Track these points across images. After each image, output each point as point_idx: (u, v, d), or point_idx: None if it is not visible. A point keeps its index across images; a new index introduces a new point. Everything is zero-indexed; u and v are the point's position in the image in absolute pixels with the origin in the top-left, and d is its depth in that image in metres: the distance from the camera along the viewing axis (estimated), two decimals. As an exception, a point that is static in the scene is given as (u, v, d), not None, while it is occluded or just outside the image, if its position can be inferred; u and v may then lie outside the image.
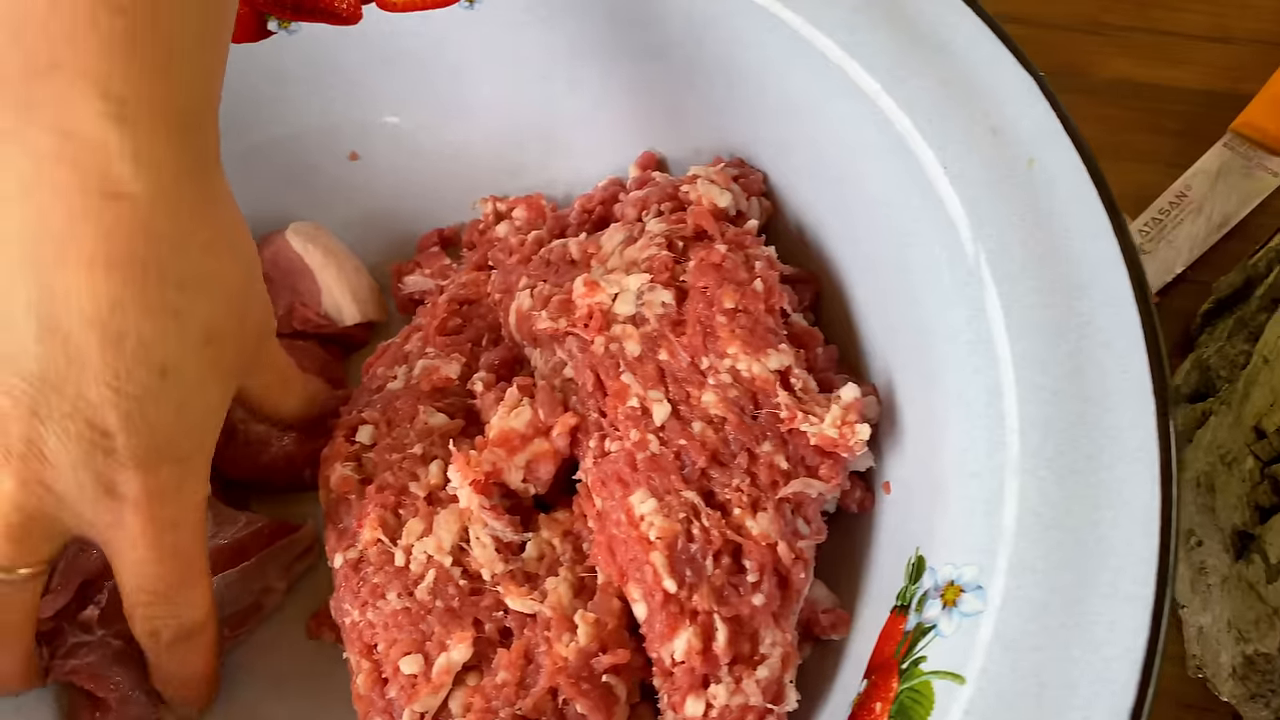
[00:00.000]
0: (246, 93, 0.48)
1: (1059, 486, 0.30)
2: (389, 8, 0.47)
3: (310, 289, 0.50)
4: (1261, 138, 0.52)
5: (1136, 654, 0.27)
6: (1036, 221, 0.34)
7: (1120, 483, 0.30)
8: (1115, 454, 0.30)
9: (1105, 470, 0.30)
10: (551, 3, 0.46)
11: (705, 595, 0.36)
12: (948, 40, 0.38)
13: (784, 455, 0.38)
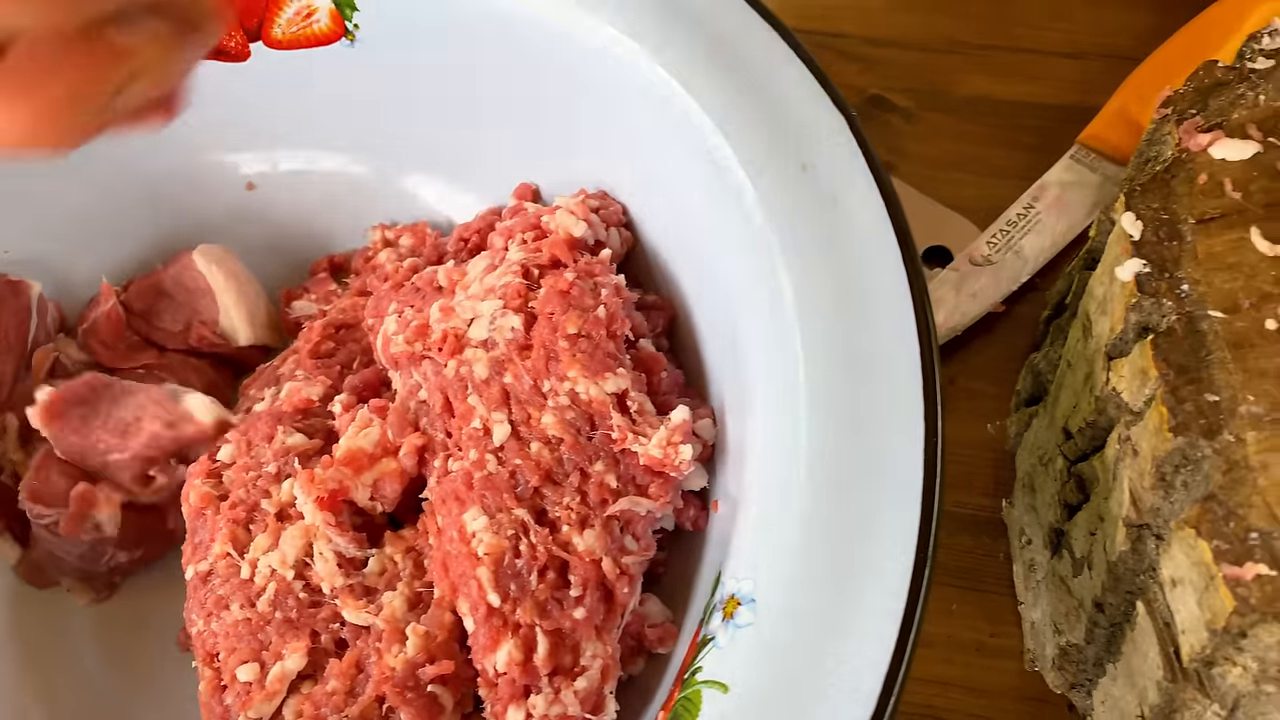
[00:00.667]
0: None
1: (832, 506, 0.32)
2: (275, 45, 0.50)
3: (209, 308, 0.52)
4: (1106, 149, 0.53)
5: (882, 665, 0.29)
6: (837, 254, 0.36)
7: (886, 505, 0.31)
8: (884, 477, 0.32)
9: (874, 493, 0.32)
10: (428, 44, 0.48)
11: (528, 609, 0.37)
12: (773, 83, 0.40)
13: (615, 474, 0.39)
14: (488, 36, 0.46)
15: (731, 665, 0.31)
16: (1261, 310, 0.33)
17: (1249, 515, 0.29)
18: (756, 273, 0.38)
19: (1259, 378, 0.32)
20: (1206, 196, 0.35)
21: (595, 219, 0.46)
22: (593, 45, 0.44)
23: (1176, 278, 0.34)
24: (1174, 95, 0.38)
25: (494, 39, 0.46)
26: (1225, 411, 0.31)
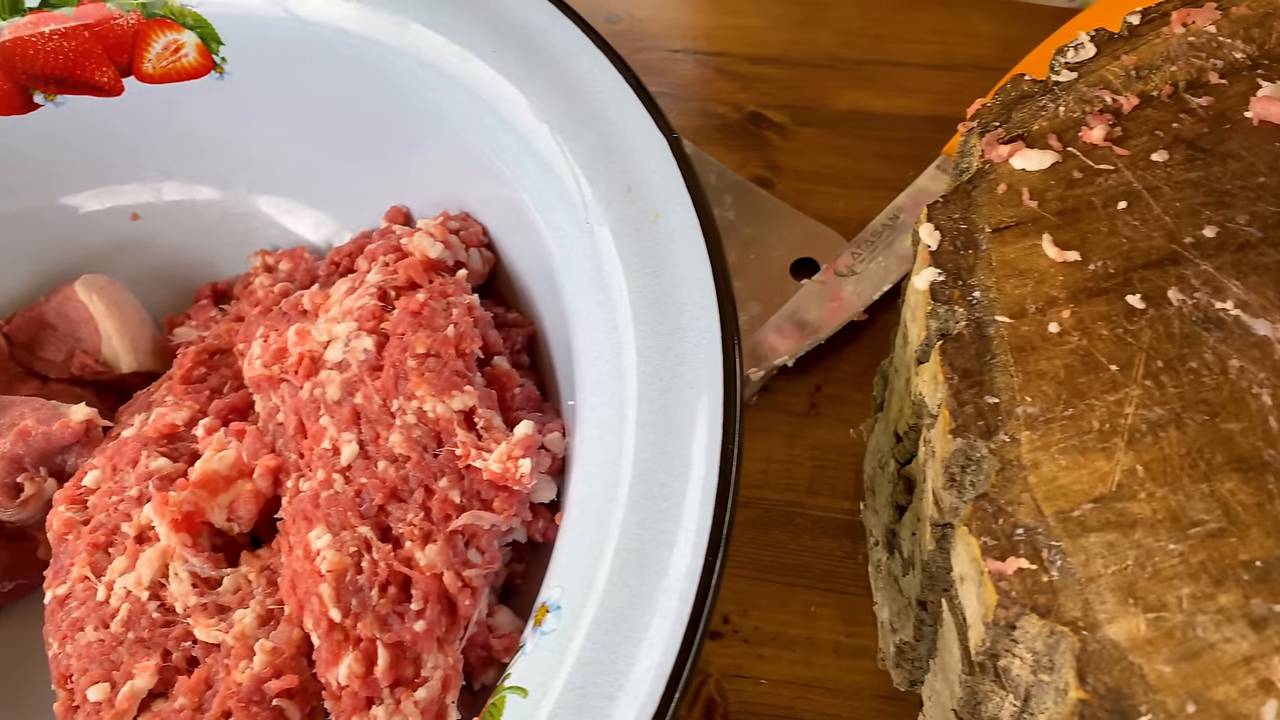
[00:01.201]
0: (21, 159, 0.52)
1: (634, 513, 0.33)
2: (147, 80, 0.51)
3: (91, 337, 0.53)
4: (969, 157, 0.55)
5: (666, 667, 0.30)
6: (657, 271, 0.37)
7: (683, 510, 0.33)
8: (684, 484, 0.33)
9: (675, 498, 0.33)
10: (291, 74, 0.49)
11: (369, 623, 0.38)
12: (605, 108, 0.41)
13: (459, 490, 0.40)
14: (344, 64, 0.47)
15: (532, 671, 0.32)
16: (1046, 315, 0.34)
17: (1017, 512, 0.31)
18: (590, 289, 0.39)
19: (1038, 379, 0.33)
20: (1005, 206, 0.37)
21: (455, 240, 0.47)
22: (446, 69, 0.45)
23: (969, 285, 0.35)
24: (982, 108, 0.39)
25: (351, 66, 0.47)
26: (1003, 413, 0.32)
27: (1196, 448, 0.31)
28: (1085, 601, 0.29)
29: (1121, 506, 0.30)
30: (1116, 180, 0.37)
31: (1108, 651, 0.28)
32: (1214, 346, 0.33)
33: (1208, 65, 0.39)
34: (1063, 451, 0.32)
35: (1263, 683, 0.28)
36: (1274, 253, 0.35)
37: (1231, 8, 0.40)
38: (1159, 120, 0.38)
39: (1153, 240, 0.35)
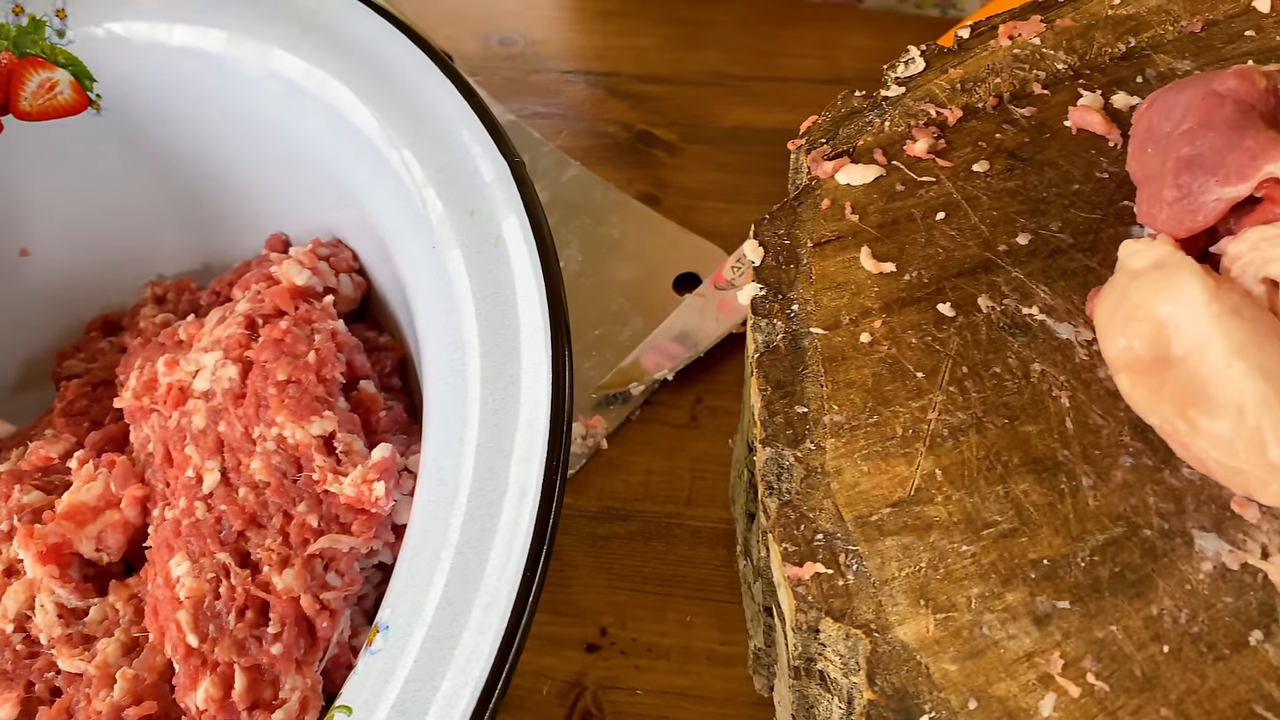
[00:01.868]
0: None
1: (463, 533, 0.34)
2: (25, 117, 0.51)
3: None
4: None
5: (477, 682, 0.31)
6: (494, 293, 0.38)
7: (507, 526, 0.33)
8: (510, 501, 0.34)
9: (500, 515, 0.34)
10: (169, 109, 0.50)
11: (226, 647, 0.39)
12: (451, 132, 0.42)
13: (317, 514, 0.41)
14: (213, 93, 0.48)
15: (359, 690, 0.33)
16: (859, 325, 0.35)
17: (818, 518, 0.32)
18: (437, 311, 0.40)
19: (847, 388, 0.34)
20: (827, 220, 0.38)
21: (324, 266, 0.48)
22: (309, 94, 0.46)
23: (788, 299, 0.36)
24: (812, 125, 0.40)
25: (220, 95, 0.48)
26: (811, 421, 0.33)
27: (995, 450, 0.32)
28: (879, 604, 0.30)
29: (919, 510, 0.31)
30: (937, 192, 0.38)
31: (897, 652, 0.29)
32: (1018, 351, 0.34)
33: (1031, 76, 0.40)
34: (865, 458, 0.32)
35: (1043, 677, 0.29)
36: (1082, 258, 0.36)
37: (1057, 20, 0.42)
38: (983, 131, 0.39)
39: (968, 249, 0.36)
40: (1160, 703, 0.28)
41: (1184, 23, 0.41)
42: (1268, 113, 0.33)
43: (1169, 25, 0.41)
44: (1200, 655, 0.29)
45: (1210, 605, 0.29)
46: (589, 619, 0.48)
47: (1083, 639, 0.29)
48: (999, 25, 0.42)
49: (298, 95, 0.46)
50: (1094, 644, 0.29)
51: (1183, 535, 0.30)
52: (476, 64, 0.65)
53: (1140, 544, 0.30)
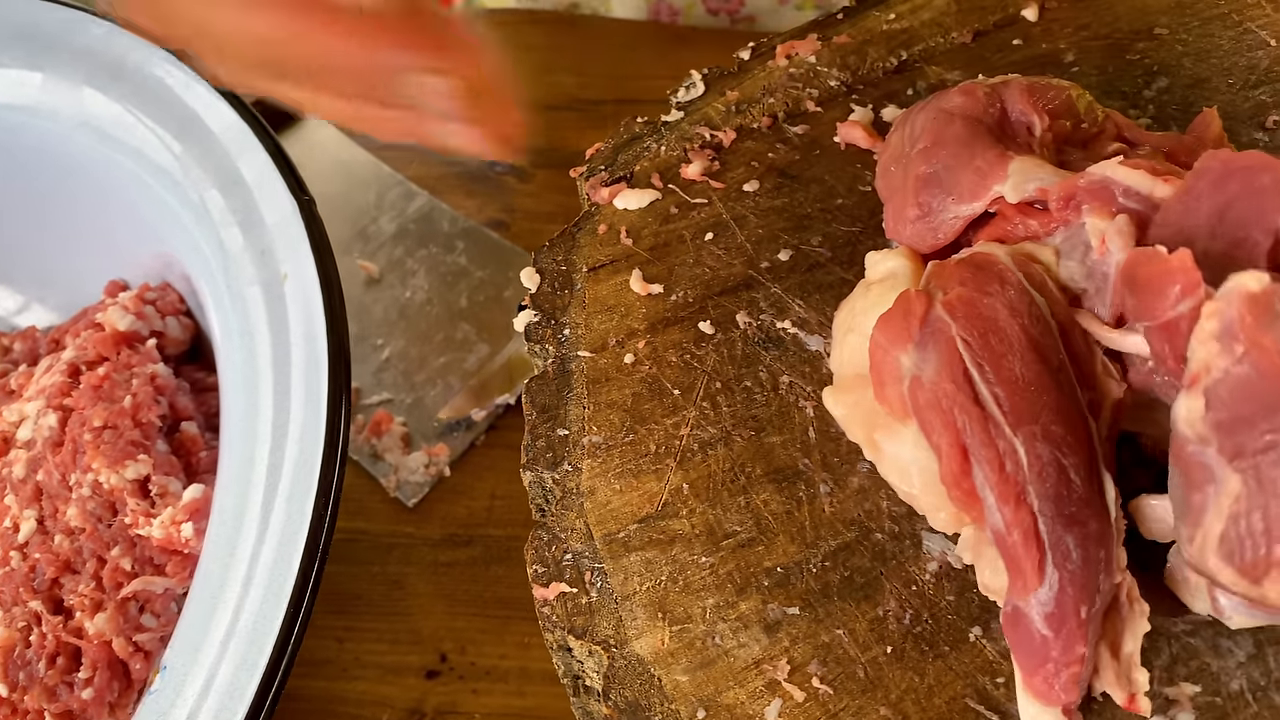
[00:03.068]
0: None
1: (238, 571, 0.34)
2: None
3: None
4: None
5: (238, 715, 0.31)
6: (280, 330, 0.39)
7: (279, 563, 0.34)
8: (280, 537, 0.34)
9: (270, 553, 0.34)
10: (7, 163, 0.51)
11: (36, 695, 0.39)
12: (246, 171, 0.43)
13: (131, 558, 0.42)
14: (33, 147, 0.49)
15: (136, 730, 0.33)
16: (625, 346, 0.36)
17: (570, 538, 0.32)
18: (236, 348, 0.41)
19: (607, 409, 0.35)
20: (603, 245, 0.39)
21: (150, 311, 0.48)
22: (118, 141, 0.47)
23: (561, 324, 0.37)
24: (594, 153, 0.41)
25: (39, 148, 0.49)
26: (571, 444, 0.34)
27: (740, 463, 0.33)
28: (619, 619, 0.31)
29: (664, 524, 0.32)
30: (709, 213, 0.39)
31: (633, 666, 0.30)
32: (769, 365, 0.35)
33: (805, 94, 0.41)
34: (619, 476, 0.33)
35: (770, 684, 0.29)
36: (839, 271, 0.37)
37: (833, 37, 0.43)
38: (756, 151, 0.40)
39: (733, 267, 0.37)
40: (880, 703, 0.29)
41: (955, 35, 0.43)
42: (994, 125, 0.34)
43: (941, 38, 0.43)
44: (922, 654, 0.30)
45: (934, 604, 0.30)
46: (429, 646, 0.49)
47: (810, 644, 0.30)
48: (777, 45, 0.43)
49: (110, 141, 0.47)
50: (820, 648, 0.30)
51: (912, 537, 0.31)
52: (333, 100, 0.66)
53: (871, 548, 0.31)
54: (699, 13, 0.65)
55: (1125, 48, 0.41)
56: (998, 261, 0.30)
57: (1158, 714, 0.28)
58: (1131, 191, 0.30)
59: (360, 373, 0.54)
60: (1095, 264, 0.30)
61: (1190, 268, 0.26)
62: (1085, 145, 0.34)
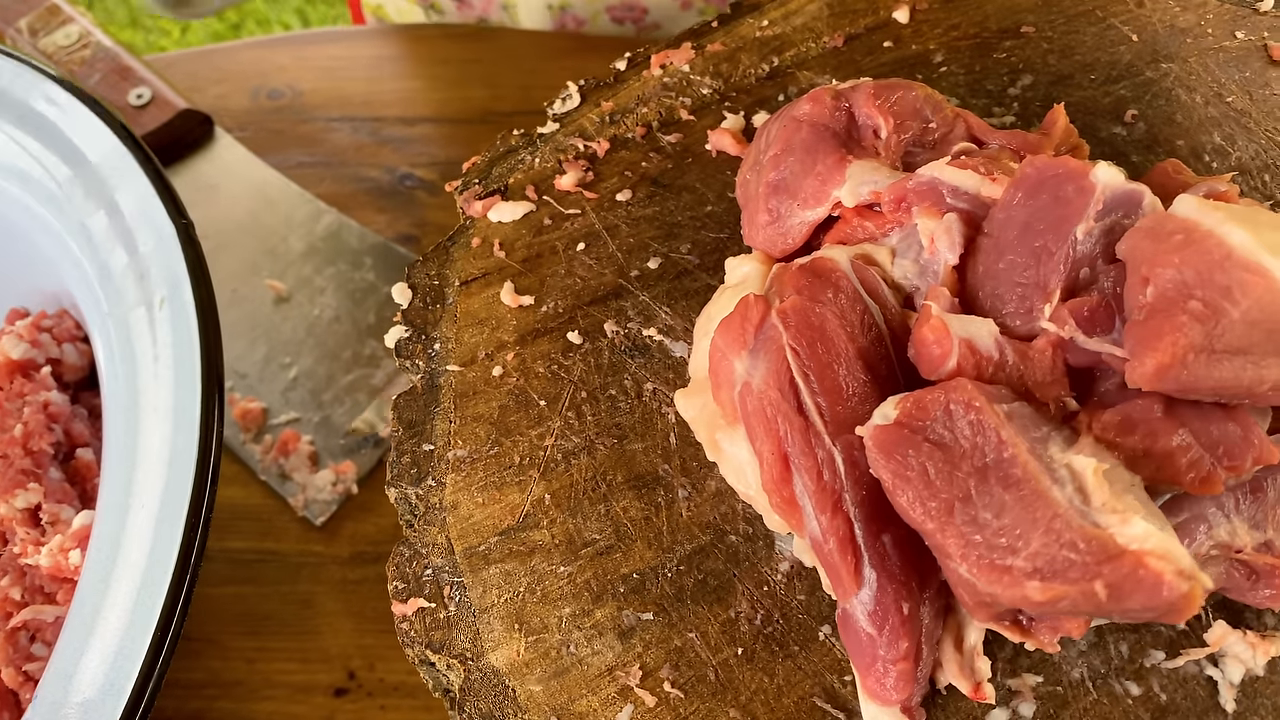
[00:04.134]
0: None
1: (109, 597, 0.34)
2: None
3: None
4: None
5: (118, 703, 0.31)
6: (157, 355, 0.39)
7: (147, 588, 0.34)
8: (150, 561, 0.34)
9: (141, 577, 0.34)
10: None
11: (-76, 729, 0.39)
12: (126, 197, 0.43)
13: (21, 587, 0.41)
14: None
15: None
16: (494, 359, 0.36)
17: (431, 554, 0.33)
18: (119, 373, 0.41)
19: (473, 423, 0.35)
20: (476, 259, 0.39)
21: (46, 339, 0.48)
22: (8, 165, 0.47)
23: (431, 339, 0.37)
24: (470, 166, 0.42)
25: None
26: (436, 459, 0.34)
27: (602, 471, 0.33)
28: (476, 632, 0.31)
29: (525, 535, 0.32)
30: (581, 223, 0.39)
31: (488, 678, 0.30)
32: (634, 372, 0.35)
33: (678, 103, 0.42)
34: (482, 489, 0.33)
35: (622, 690, 0.30)
36: (706, 277, 0.37)
37: (707, 45, 0.43)
38: (630, 161, 0.41)
39: (604, 277, 0.38)
40: (730, 705, 0.29)
41: (826, 39, 0.43)
42: (841, 130, 0.34)
43: (812, 42, 0.43)
44: (772, 654, 0.30)
45: (785, 604, 0.31)
46: (338, 664, 0.49)
47: (663, 649, 0.30)
48: (651, 55, 0.43)
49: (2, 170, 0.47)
50: (673, 652, 0.30)
51: (765, 538, 0.32)
52: (245, 119, 0.66)
53: (726, 550, 0.32)
54: (604, 22, 0.66)
55: (993, 46, 0.42)
56: (836, 268, 0.30)
57: (1001, 705, 0.29)
58: (960, 191, 0.30)
59: (268, 392, 0.54)
60: (927, 263, 0.30)
61: (940, 338, 0.27)
62: (935, 146, 0.35)
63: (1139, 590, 0.23)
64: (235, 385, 0.54)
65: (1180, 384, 0.26)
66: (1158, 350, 0.26)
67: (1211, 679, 0.29)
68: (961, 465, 0.25)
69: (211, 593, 0.51)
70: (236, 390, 0.54)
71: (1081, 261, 0.28)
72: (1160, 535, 0.23)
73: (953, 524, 0.24)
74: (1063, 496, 0.24)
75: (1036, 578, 0.23)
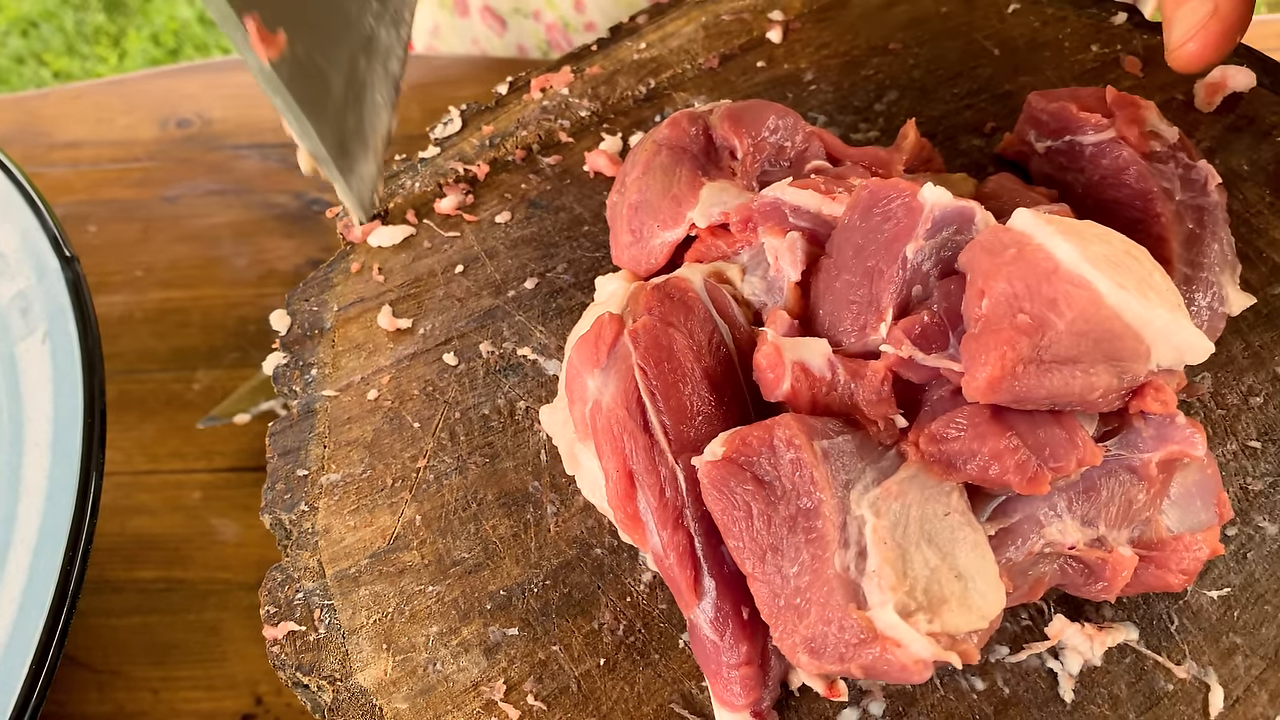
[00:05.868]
0: None
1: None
2: None
3: None
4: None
5: None
6: (37, 388, 0.39)
7: (21, 627, 0.34)
8: (26, 597, 0.35)
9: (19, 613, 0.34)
10: None
11: None
12: (9, 235, 0.43)
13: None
14: None
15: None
16: (370, 383, 0.37)
17: (303, 577, 0.33)
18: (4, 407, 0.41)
19: (347, 447, 0.35)
20: (356, 283, 0.39)
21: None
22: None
23: (308, 365, 0.38)
24: (352, 193, 0.42)
25: None
26: (309, 484, 0.35)
27: (473, 490, 0.34)
28: (345, 653, 0.32)
29: (395, 557, 0.33)
30: (460, 246, 0.40)
31: (356, 697, 0.31)
32: (508, 391, 0.36)
33: (557, 126, 0.43)
34: (354, 512, 0.34)
35: (487, 704, 0.30)
36: (580, 295, 0.38)
37: (586, 69, 0.44)
38: (510, 183, 0.41)
39: (481, 299, 0.38)
40: (591, 714, 0.30)
41: (702, 60, 0.44)
42: (699, 152, 0.36)
43: (689, 64, 0.44)
44: (633, 664, 0.31)
45: (647, 614, 0.31)
46: (244, 690, 0.49)
47: (528, 662, 0.31)
48: (532, 79, 0.44)
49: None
50: (537, 666, 0.31)
51: (630, 550, 0.33)
52: (154, 149, 0.66)
53: (591, 563, 0.32)
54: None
55: (861, 64, 0.43)
56: (689, 288, 0.31)
57: (852, 704, 0.30)
58: (801, 210, 0.31)
59: (174, 421, 0.54)
60: (774, 280, 0.31)
61: (773, 364, 0.28)
62: (792, 164, 0.36)
63: (889, 671, 0.26)
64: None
65: (1013, 395, 0.27)
66: (988, 364, 0.27)
67: (1052, 671, 0.30)
68: (779, 508, 0.26)
69: (118, 624, 0.51)
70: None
71: (914, 279, 0.29)
72: (903, 627, 0.25)
73: (763, 572, 0.26)
74: (842, 562, 0.25)
75: (807, 650, 0.26)
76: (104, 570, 0.52)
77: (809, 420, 0.27)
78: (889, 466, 0.27)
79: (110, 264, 0.62)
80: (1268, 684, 0.30)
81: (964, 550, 0.26)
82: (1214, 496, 0.29)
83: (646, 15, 0.46)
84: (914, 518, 0.26)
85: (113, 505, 0.53)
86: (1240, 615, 0.31)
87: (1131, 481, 0.29)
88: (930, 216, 0.29)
